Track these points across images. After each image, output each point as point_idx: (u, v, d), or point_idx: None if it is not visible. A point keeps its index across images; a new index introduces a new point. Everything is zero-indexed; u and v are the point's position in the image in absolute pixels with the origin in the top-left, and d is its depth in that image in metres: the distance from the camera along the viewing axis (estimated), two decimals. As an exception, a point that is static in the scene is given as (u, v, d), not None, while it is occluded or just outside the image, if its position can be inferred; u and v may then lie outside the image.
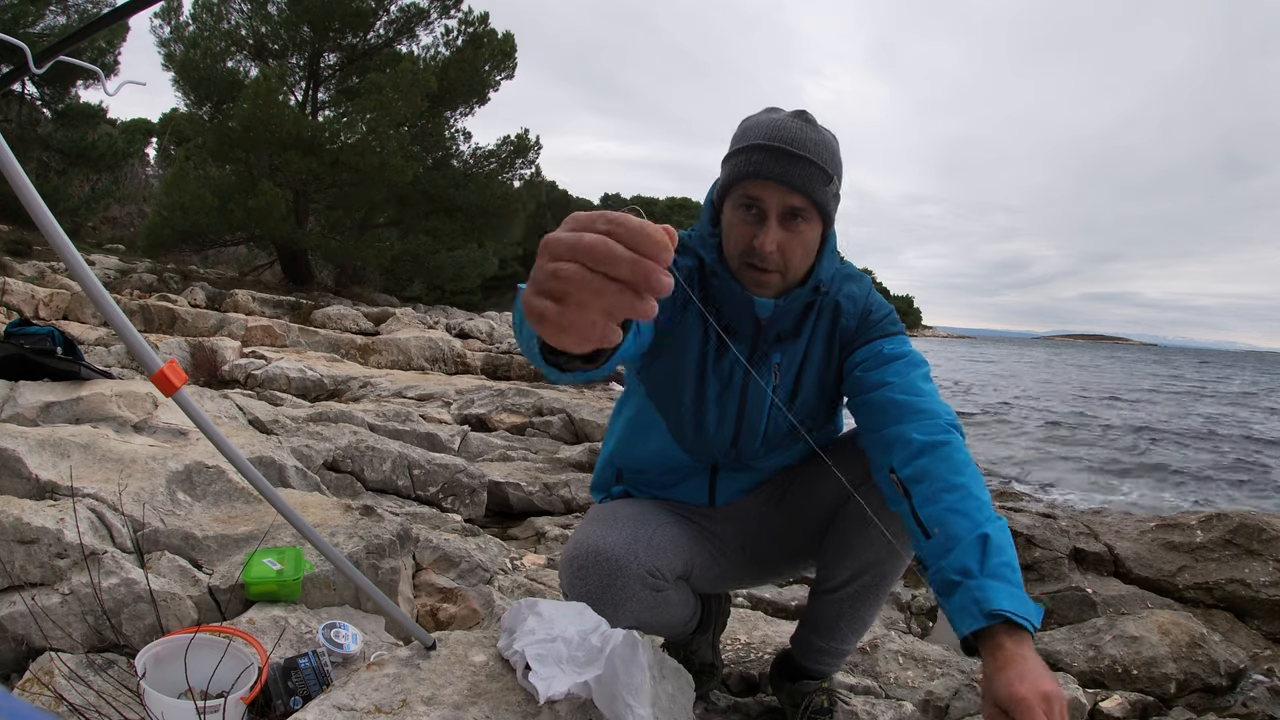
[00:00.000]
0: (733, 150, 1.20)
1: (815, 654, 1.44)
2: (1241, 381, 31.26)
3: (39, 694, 1.17)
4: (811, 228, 1.18)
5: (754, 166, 1.14)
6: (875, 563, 1.31)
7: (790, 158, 1.13)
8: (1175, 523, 3.44)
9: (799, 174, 1.13)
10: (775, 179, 1.13)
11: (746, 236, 1.18)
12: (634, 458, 1.43)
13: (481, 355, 9.83)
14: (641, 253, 0.44)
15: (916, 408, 1.17)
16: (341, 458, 3.12)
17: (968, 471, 1.10)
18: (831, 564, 1.36)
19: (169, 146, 21.53)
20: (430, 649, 1.13)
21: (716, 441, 1.34)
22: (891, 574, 1.33)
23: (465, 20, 15.45)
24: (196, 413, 0.88)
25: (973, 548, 1.01)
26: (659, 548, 1.25)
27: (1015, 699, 0.87)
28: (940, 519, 1.06)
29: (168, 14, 14.19)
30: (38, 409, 2.15)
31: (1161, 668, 2.14)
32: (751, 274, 1.20)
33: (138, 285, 11.70)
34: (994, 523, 1.05)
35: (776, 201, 1.15)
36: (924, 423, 1.15)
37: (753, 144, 1.16)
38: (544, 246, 0.48)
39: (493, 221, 16.60)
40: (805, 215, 1.16)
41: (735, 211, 1.19)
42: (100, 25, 1.18)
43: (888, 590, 1.36)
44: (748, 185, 1.16)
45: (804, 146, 1.14)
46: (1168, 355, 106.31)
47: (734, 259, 1.22)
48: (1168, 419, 13.73)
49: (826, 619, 1.40)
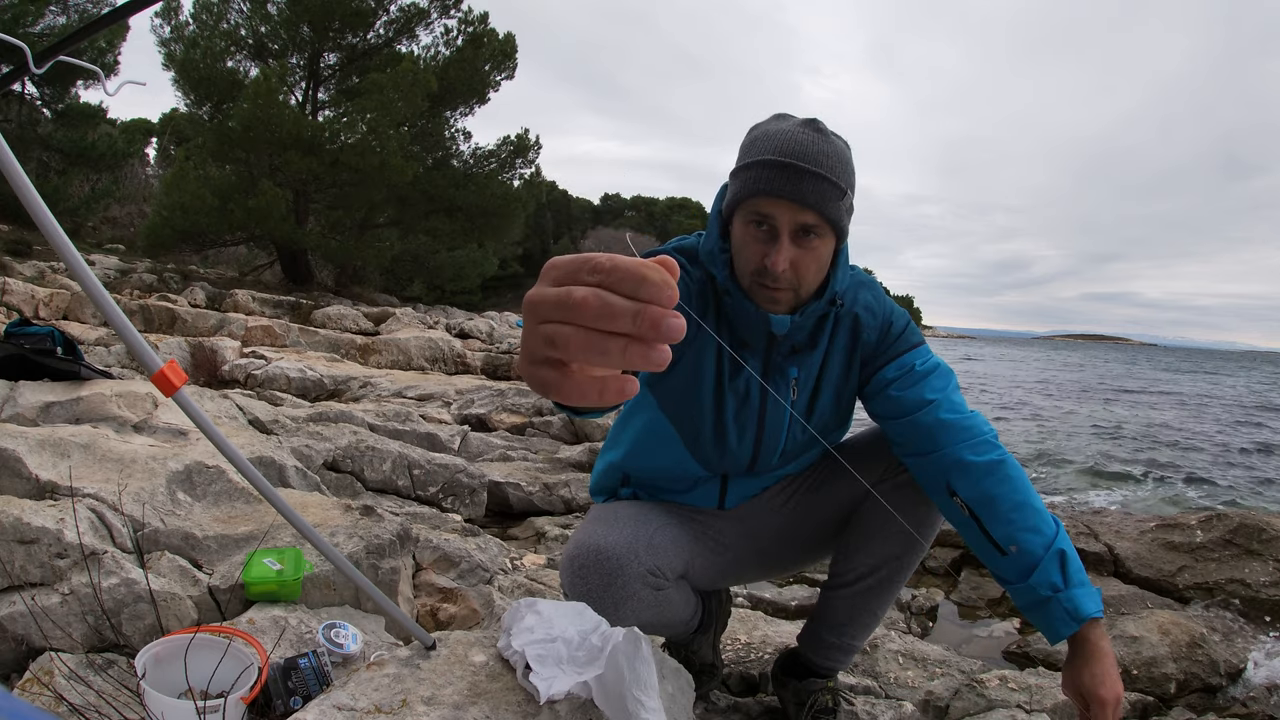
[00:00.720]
0: (741, 164, 1.16)
1: (825, 650, 1.45)
2: (1239, 381, 31.27)
3: (39, 694, 1.17)
4: (825, 243, 1.16)
5: (764, 184, 1.11)
6: (895, 556, 1.35)
7: (802, 174, 1.09)
8: (1175, 523, 3.44)
9: (811, 191, 1.10)
10: (787, 196, 1.09)
11: (758, 255, 1.15)
12: (645, 468, 1.41)
13: (481, 355, 9.83)
14: (643, 298, 0.37)
15: (963, 425, 1.23)
16: (341, 458, 3.12)
17: (1027, 488, 1.22)
18: (851, 557, 1.39)
19: (169, 146, 21.55)
20: (430, 649, 1.13)
21: (736, 458, 1.33)
22: (909, 567, 1.38)
23: (465, 20, 15.47)
24: (196, 413, 0.88)
25: (1053, 562, 1.17)
26: (660, 547, 1.25)
27: (1098, 699, 1.12)
28: (1015, 538, 1.19)
29: (168, 14, 14.20)
30: (38, 409, 2.15)
31: (1161, 668, 2.14)
32: (764, 292, 1.18)
33: (138, 285, 11.70)
34: (1062, 534, 1.20)
35: (788, 219, 1.11)
36: (975, 442, 1.22)
37: (763, 159, 1.12)
38: (529, 307, 0.40)
39: (493, 221, 16.61)
40: (818, 231, 1.13)
41: (746, 228, 1.16)
42: (100, 25, 1.18)
43: (901, 585, 1.40)
44: (758, 202, 1.13)
45: (816, 161, 1.10)
46: (1168, 354, 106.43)
47: (745, 277, 1.19)
48: (1172, 419, 13.73)
49: (839, 614, 1.42)
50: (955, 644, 2.59)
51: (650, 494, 1.44)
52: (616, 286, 0.37)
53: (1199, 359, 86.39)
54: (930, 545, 1.38)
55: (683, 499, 1.42)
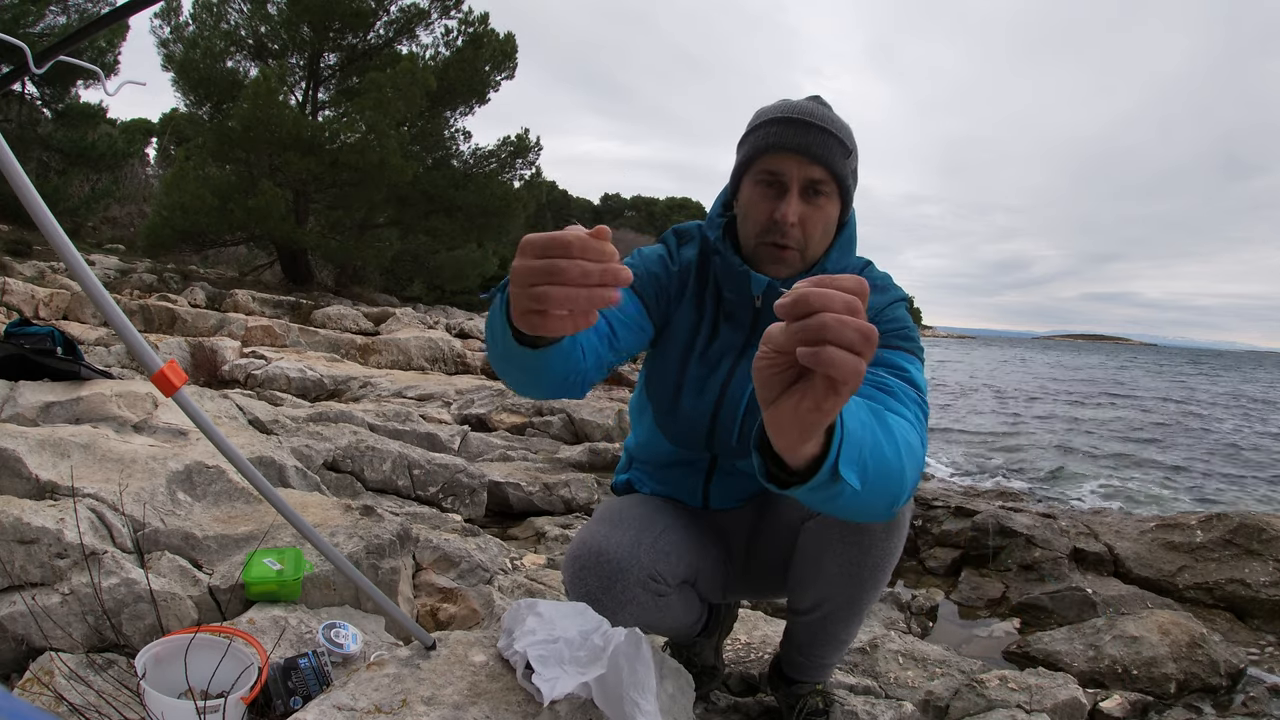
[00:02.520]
0: (749, 129, 1.18)
1: (798, 667, 1.44)
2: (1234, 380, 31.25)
3: (39, 694, 1.17)
4: (831, 204, 1.15)
5: (773, 138, 1.12)
6: (832, 597, 1.24)
7: (809, 128, 1.11)
8: (1175, 523, 3.44)
9: (819, 144, 1.11)
10: (795, 149, 1.11)
11: (766, 212, 1.14)
12: (635, 443, 1.46)
13: (481, 355, 9.82)
14: (596, 259, 0.64)
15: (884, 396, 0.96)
16: (341, 458, 3.12)
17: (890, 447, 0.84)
18: (794, 591, 1.32)
19: (169, 146, 21.55)
20: (430, 649, 1.13)
21: (692, 422, 1.27)
22: (855, 604, 1.25)
23: (465, 20, 15.47)
24: (196, 413, 0.88)
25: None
26: (663, 552, 1.23)
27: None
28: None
29: (168, 14, 14.20)
30: (38, 409, 2.15)
31: (1161, 668, 2.14)
32: (770, 251, 1.16)
33: (138, 285, 11.70)
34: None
35: (798, 173, 1.12)
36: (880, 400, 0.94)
37: (771, 118, 1.14)
38: (517, 276, 0.67)
39: (493, 221, 16.61)
40: (825, 190, 1.14)
41: (755, 189, 1.16)
42: (100, 25, 1.18)
43: (859, 615, 1.29)
44: (767, 159, 1.13)
45: (823, 119, 1.12)
46: (1169, 354, 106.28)
47: (750, 240, 1.18)
48: (1177, 418, 13.73)
49: (802, 637, 1.37)
50: (955, 644, 2.59)
51: (645, 479, 1.43)
52: (585, 255, 0.64)
53: (1197, 358, 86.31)
54: (882, 583, 1.23)
55: (670, 490, 1.39)
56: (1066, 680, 1.80)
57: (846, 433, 0.72)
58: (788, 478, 0.73)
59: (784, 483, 0.73)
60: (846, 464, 0.72)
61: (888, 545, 1.20)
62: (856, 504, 0.79)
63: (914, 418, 0.95)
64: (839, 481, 0.71)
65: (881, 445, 0.80)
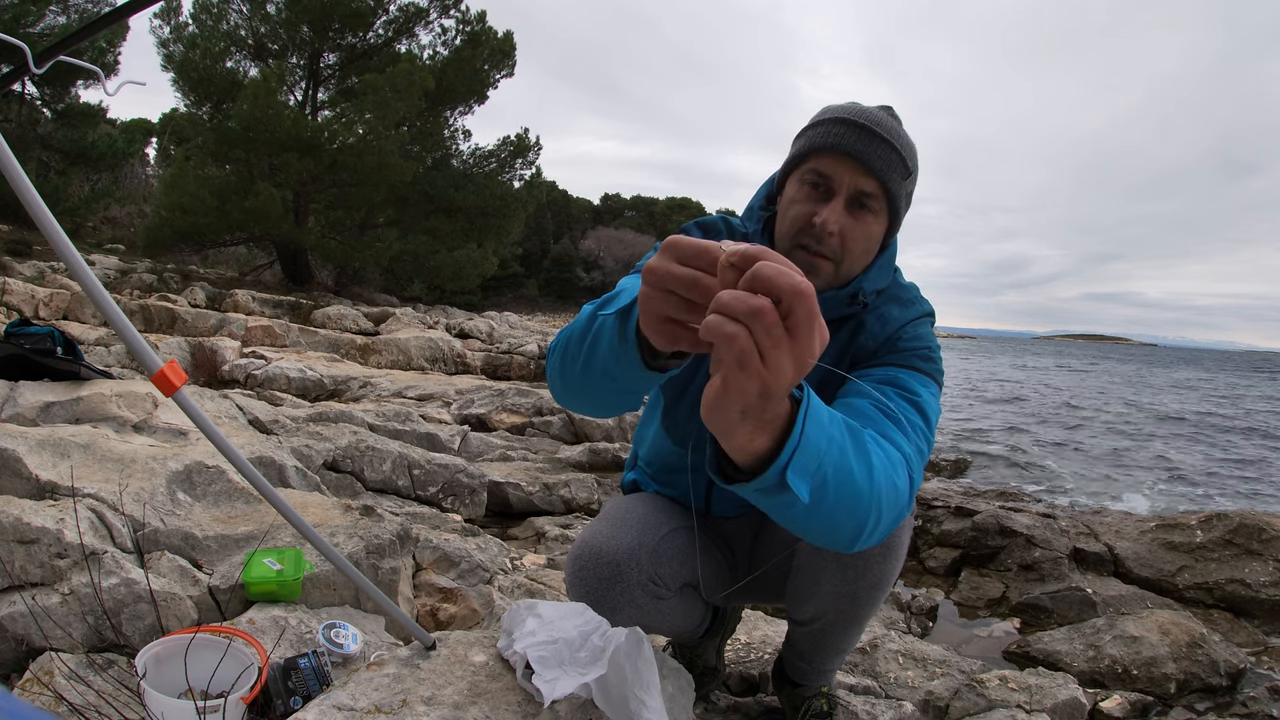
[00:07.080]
0: (809, 124, 1.08)
1: (799, 672, 1.43)
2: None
3: (39, 694, 1.17)
4: (878, 222, 1.06)
5: (832, 138, 1.03)
6: (829, 612, 1.23)
7: (873, 136, 1.02)
8: (1175, 523, 3.44)
9: (878, 155, 1.02)
10: (853, 154, 1.01)
11: (805, 214, 1.04)
12: (641, 441, 1.44)
13: (481, 355, 9.84)
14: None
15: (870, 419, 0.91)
16: (341, 458, 3.12)
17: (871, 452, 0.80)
18: (793, 604, 1.31)
19: (169, 146, 21.54)
20: (430, 649, 1.13)
21: (696, 427, 1.23)
22: (853, 619, 1.24)
23: (463, 19, 15.48)
24: (196, 413, 0.88)
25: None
26: (664, 555, 1.21)
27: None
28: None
29: (168, 14, 14.21)
30: (38, 409, 2.15)
31: (1161, 668, 2.14)
32: (801, 256, 1.05)
33: (138, 285, 11.70)
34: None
35: (848, 181, 1.03)
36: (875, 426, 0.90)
37: (835, 116, 1.05)
38: (653, 276, 0.60)
39: (492, 221, 16.63)
40: (874, 205, 1.04)
41: (800, 188, 1.06)
42: (100, 25, 1.18)
43: (858, 627, 1.28)
44: (820, 159, 1.04)
45: (888, 131, 1.03)
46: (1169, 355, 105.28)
47: (784, 241, 1.08)
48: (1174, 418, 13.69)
49: (802, 645, 1.37)
50: (955, 644, 2.59)
51: (651, 473, 1.41)
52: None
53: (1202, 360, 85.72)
54: (879, 601, 1.22)
55: (673, 490, 1.38)
56: (1066, 680, 1.80)
57: (805, 440, 0.66)
58: (734, 473, 0.68)
59: (730, 478, 0.69)
60: (797, 473, 0.66)
61: (884, 568, 1.17)
62: (810, 522, 0.74)
63: (910, 452, 0.88)
64: (787, 490, 0.66)
65: (851, 468, 0.74)
